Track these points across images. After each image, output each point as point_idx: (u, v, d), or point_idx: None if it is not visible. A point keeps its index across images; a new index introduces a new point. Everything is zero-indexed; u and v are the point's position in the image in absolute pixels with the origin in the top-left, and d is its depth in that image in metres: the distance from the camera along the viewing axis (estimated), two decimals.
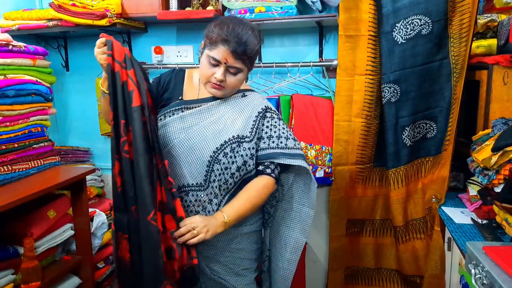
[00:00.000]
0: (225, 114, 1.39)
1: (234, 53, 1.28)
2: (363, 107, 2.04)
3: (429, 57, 1.91)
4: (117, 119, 1.22)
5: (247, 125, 1.38)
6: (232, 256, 1.43)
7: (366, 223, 2.20)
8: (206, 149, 1.34)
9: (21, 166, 1.76)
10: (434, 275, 1.97)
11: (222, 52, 1.28)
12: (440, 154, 2.01)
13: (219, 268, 1.41)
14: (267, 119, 1.42)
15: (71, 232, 1.91)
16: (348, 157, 2.11)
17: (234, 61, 1.30)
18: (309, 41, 2.24)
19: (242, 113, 1.40)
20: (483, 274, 1.16)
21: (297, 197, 1.50)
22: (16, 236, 1.67)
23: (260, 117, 1.41)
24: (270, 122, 1.42)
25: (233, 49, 1.27)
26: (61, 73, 2.62)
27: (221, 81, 1.32)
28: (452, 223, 1.72)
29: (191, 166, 1.34)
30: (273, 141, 1.39)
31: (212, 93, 1.38)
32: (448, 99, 1.94)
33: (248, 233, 1.47)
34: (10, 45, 1.72)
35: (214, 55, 1.29)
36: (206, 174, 1.34)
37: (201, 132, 1.36)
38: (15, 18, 2.28)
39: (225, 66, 1.31)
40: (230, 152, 1.34)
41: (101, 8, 2.14)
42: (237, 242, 1.44)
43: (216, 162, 1.33)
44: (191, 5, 2.23)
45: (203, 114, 1.39)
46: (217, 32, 1.29)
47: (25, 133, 1.80)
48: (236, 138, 1.36)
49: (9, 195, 1.54)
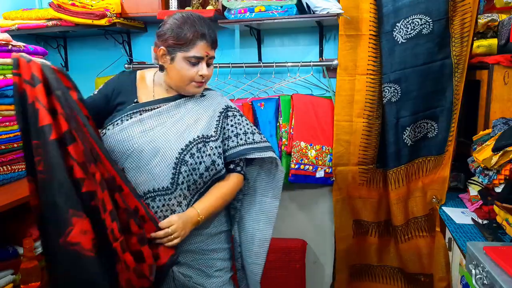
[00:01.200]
0: (186, 114, 1.36)
1: (212, 44, 1.31)
2: (365, 107, 2.04)
3: (430, 56, 1.90)
4: (28, 140, 1.11)
5: (211, 125, 1.37)
6: (203, 258, 1.40)
7: (372, 225, 2.19)
8: (171, 151, 1.29)
9: (20, 166, 1.76)
10: (443, 277, 1.97)
11: (202, 47, 1.28)
12: (442, 154, 2.00)
13: (192, 272, 1.38)
14: (230, 118, 1.41)
15: None
16: (349, 157, 2.10)
17: (211, 51, 1.32)
18: (309, 41, 2.23)
19: (205, 113, 1.38)
20: (483, 274, 1.16)
21: (261, 189, 1.52)
22: (16, 236, 1.66)
23: (223, 117, 1.40)
24: (234, 120, 1.42)
25: (211, 40, 1.29)
26: None
27: (204, 76, 1.32)
28: (452, 223, 1.71)
29: (155, 169, 1.29)
30: (241, 138, 1.40)
31: (196, 91, 1.36)
32: (450, 99, 1.94)
33: (218, 233, 1.44)
34: (9, 45, 1.71)
35: (194, 53, 1.28)
36: (173, 177, 1.29)
37: (164, 134, 1.31)
38: (15, 17, 2.28)
39: (206, 59, 1.31)
40: (197, 153, 1.31)
41: (100, 7, 2.14)
42: (208, 243, 1.41)
43: (183, 163, 1.29)
44: (191, 5, 2.22)
45: (163, 116, 1.34)
46: (190, 30, 1.27)
47: None
48: (202, 138, 1.33)
49: (9, 195, 1.53)
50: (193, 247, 1.38)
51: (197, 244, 1.38)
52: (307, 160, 2.11)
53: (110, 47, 2.49)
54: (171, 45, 1.28)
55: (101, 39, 2.47)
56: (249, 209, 1.52)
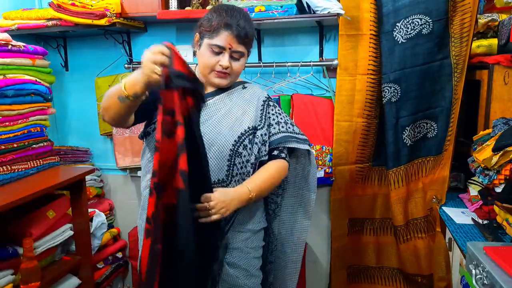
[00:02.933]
0: (233, 107, 1.39)
1: (238, 37, 1.29)
2: (365, 107, 2.04)
3: (430, 56, 1.90)
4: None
5: (257, 115, 1.41)
6: (247, 257, 1.41)
7: (366, 222, 2.20)
8: (225, 144, 1.32)
9: (20, 166, 1.76)
10: (442, 277, 1.97)
11: (226, 38, 1.28)
12: (441, 154, 2.00)
13: (239, 272, 1.39)
14: (271, 107, 1.46)
15: (71, 233, 1.91)
16: (348, 156, 2.11)
17: (238, 45, 1.30)
18: (309, 41, 2.23)
19: (250, 105, 1.42)
20: (483, 275, 1.16)
21: (297, 183, 1.56)
22: (16, 236, 1.67)
23: (266, 106, 1.44)
24: (274, 110, 1.46)
25: (237, 33, 1.28)
26: (61, 73, 2.62)
27: (227, 67, 1.31)
28: (452, 223, 1.71)
29: (211, 162, 1.30)
30: (282, 126, 1.43)
31: (217, 82, 1.35)
32: (449, 99, 1.94)
33: (259, 230, 1.47)
34: (9, 45, 1.71)
35: (217, 42, 1.28)
36: (228, 169, 1.32)
37: (215, 127, 1.34)
38: (15, 17, 2.28)
39: (230, 52, 1.30)
40: (249, 144, 1.35)
41: (100, 7, 2.14)
42: (251, 241, 1.43)
43: (237, 155, 1.33)
44: (190, 5, 2.22)
45: (211, 109, 1.36)
46: (216, 18, 1.28)
47: (24, 133, 1.79)
48: (251, 129, 1.37)
49: (9, 195, 1.54)
50: (240, 245, 1.39)
51: (243, 242, 1.40)
52: None
53: (110, 47, 2.49)
54: (202, 31, 1.33)
55: (101, 39, 2.47)
56: (288, 203, 1.56)
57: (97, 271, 2.27)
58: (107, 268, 2.37)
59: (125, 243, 2.57)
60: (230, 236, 1.37)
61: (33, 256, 1.64)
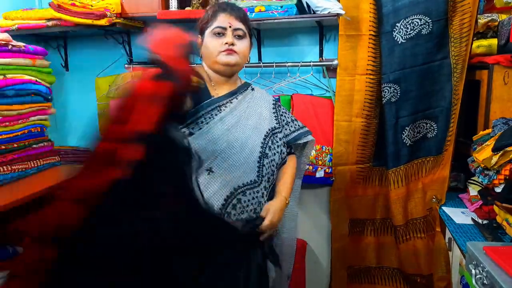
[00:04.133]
0: (251, 110, 1.43)
1: (236, 16, 1.35)
2: (364, 106, 2.04)
3: (429, 57, 1.91)
4: None
5: (272, 117, 1.48)
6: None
7: (367, 222, 2.20)
8: (254, 146, 1.37)
9: (20, 166, 1.76)
10: (443, 277, 1.97)
11: (224, 18, 1.34)
12: (441, 155, 2.01)
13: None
14: (281, 108, 1.54)
15: None
16: (348, 157, 2.11)
17: (237, 23, 1.35)
18: (309, 41, 2.23)
19: (263, 107, 1.47)
20: (483, 274, 1.16)
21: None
22: (16, 236, 1.66)
23: (276, 107, 1.52)
24: (282, 110, 1.54)
25: (231, 12, 1.35)
26: (61, 73, 2.62)
27: (232, 44, 1.34)
28: (452, 223, 1.72)
29: (244, 165, 1.34)
30: (292, 126, 1.53)
31: (226, 61, 1.35)
32: (449, 99, 1.94)
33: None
34: (9, 45, 1.71)
35: (217, 24, 1.34)
36: (258, 170, 1.36)
37: (243, 130, 1.37)
38: (15, 17, 2.28)
39: (231, 30, 1.34)
40: (272, 145, 1.41)
41: (100, 7, 2.14)
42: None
43: (265, 156, 1.38)
44: (190, 5, 2.22)
45: (236, 112, 1.38)
46: (211, 9, 1.38)
47: (24, 133, 1.79)
48: (271, 131, 1.44)
49: (9, 195, 1.54)
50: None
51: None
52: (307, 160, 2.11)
53: (110, 47, 2.49)
54: (201, 28, 1.39)
55: (101, 39, 2.47)
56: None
57: None
58: None
59: None
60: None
61: None
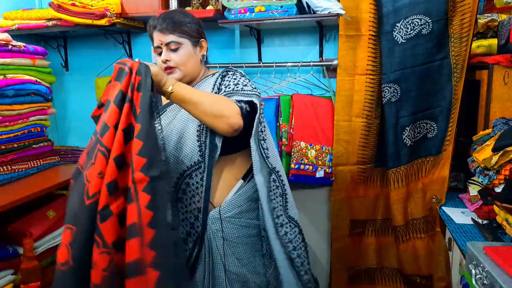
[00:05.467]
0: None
1: (163, 30, 1.35)
2: (364, 107, 2.04)
3: (430, 57, 1.91)
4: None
5: (215, 91, 1.39)
6: (257, 255, 1.44)
7: (368, 223, 2.20)
8: (191, 129, 1.34)
9: (20, 166, 1.76)
10: (443, 277, 1.98)
11: (156, 36, 1.37)
12: (441, 154, 2.01)
13: (246, 269, 1.41)
14: (228, 76, 1.40)
15: None
16: (348, 157, 2.11)
17: (166, 37, 1.36)
18: (309, 41, 2.23)
19: (208, 86, 1.42)
20: (483, 275, 1.16)
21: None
22: (16, 236, 1.67)
23: (220, 78, 1.41)
24: (230, 77, 1.39)
25: (160, 27, 1.36)
26: (61, 73, 2.62)
27: (166, 60, 1.37)
28: (452, 223, 1.71)
29: (184, 149, 1.34)
30: (230, 87, 1.35)
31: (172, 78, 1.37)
32: (449, 99, 1.94)
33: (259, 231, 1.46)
34: (9, 45, 1.71)
35: (154, 44, 1.38)
36: (199, 149, 1.33)
37: (180, 121, 1.38)
38: (15, 17, 2.28)
39: (165, 47, 1.37)
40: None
41: (100, 7, 2.14)
42: (259, 238, 1.45)
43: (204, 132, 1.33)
44: (190, 5, 2.22)
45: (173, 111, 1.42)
46: (149, 29, 1.40)
47: (24, 133, 1.79)
48: None
49: (9, 195, 1.54)
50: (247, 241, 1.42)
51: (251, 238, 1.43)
52: (307, 160, 2.11)
53: (110, 47, 2.49)
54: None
55: (101, 39, 2.48)
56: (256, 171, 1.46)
57: None
58: None
59: None
60: (236, 230, 1.39)
61: (33, 256, 1.64)
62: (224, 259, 1.38)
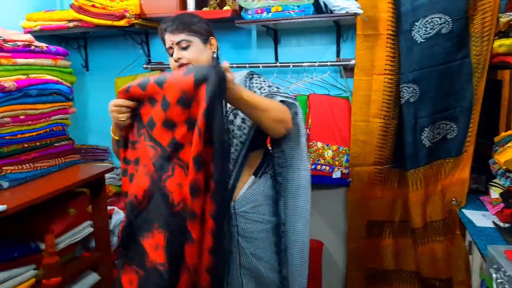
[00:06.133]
0: None
1: (173, 31, 1.39)
2: (382, 107, 2.02)
3: (449, 56, 1.88)
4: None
5: None
6: (270, 250, 1.46)
7: (385, 224, 2.18)
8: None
9: (42, 164, 1.80)
10: (462, 281, 1.94)
11: (167, 38, 1.40)
12: (461, 156, 1.97)
13: (261, 264, 1.43)
14: (255, 79, 1.47)
15: (91, 229, 1.94)
16: (366, 157, 2.09)
17: (176, 36, 1.39)
18: (326, 41, 2.23)
19: None
20: (504, 279, 1.14)
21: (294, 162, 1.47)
22: (38, 232, 1.71)
23: (248, 79, 1.47)
24: (258, 80, 1.47)
25: (170, 29, 1.40)
26: (81, 73, 2.67)
27: (178, 59, 1.40)
28: (473, 226, 1.69)
29: None
30: (265, 89, 1.42)
31: None
32: (469, 99, 1.91)
33: (276, 225, 1.48)
34: (32, 46, 1.76)
35: (166, 46, 1.42)
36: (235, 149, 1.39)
37: None
38: (37, 19, 2.34)
39: (176, 47, 1.40)
40: (235, 119, 1.41)
41: (120, 9, 2.17)
42: (272, 233, 1.47)
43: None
44: (208, 5, 2.24)
45: None
46: (160, 32, 1.44)
47: (46, 132, 1.84)
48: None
49: (32, 192, 1.58)
50: (262, 236, 1.44)
51: (264, 233, 1.44)
52: (324, 161, 2.10)
53: (129, 47, 2.53)
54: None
55: (120, 39, 2.52)
56: (287, 186, 1.49)
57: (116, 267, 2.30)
58: None
59: None
60: (250, 225, 1.41)
61: (55, 252, 1.68)
62: (239, 254, 1.41)
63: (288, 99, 1.40)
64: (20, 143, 1.70)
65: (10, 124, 1.65)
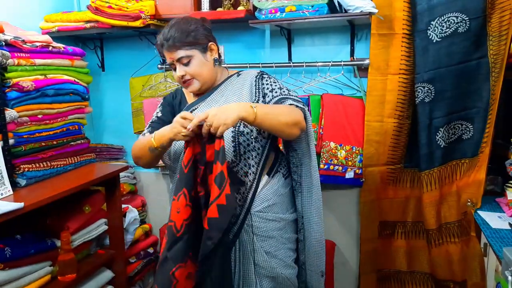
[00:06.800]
0: (230, 95, 1.47)
1: (169, 48, 1.40)
2: (396, 107, 2.00)
3: (466, 56, 1.85)
4: None
5: (252, 92, 1.46)
6: (283, 247, 1.47)
7: (397, 225, 2.16)
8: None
9: (59, 163, 1.84)
10: (477, 283, 1.91)
11: (166, 55, 1.42)
12: (477, 157, 1.94)
13: (275, 262, 1.44)
14: (265, 79, 1.49)
15: (105, 227, 1.98)
16: (379, 157, 2.08)
17: (175, 53, 1.40)
18: (340, 40, 2.21)
19: (244, 86, 1.49)
20: None
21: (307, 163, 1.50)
22: (54, 229, 1.74)
23: (259, 79, 1.48)
24: (269, 81, 1.48)
25: (166, 46, 1.40)
26: (97, 73, 2.71)
27: (182, 76, 1.42)
28: (488, 228, 1.66)
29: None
30: (277, 91, 1.44)
31: (190, 91, 1.49)
32: (486, 99, 1.87)
33: (292, 221, 1.52)
34: (50, 46, 1.80)
35: (167, 62, 1.44)
36: (234, 149, 1.39)
37: None
38: (55, 20, 2.38)
39: (177, 63, 1.42)
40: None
41: (135, 10, 2.20)
42: (285, 231, 1.48)
43: (240, 134, 1.39)
44: (222, 6, 2.25)
45: (211, 104, 1.47)
46: (157, 47, 1.45)
47: (63, 131, 1.87)
48: None
49: (48, 190, 1.61)
50: (275, 234, 1.45)
51: (278, 231, 1.46)
52: (337, 161, 2.09)
53: (144, 48, 2.56)
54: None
55: (135, 40, 2.55)
56: (302, 183, 1.53)
57: (129, 265, 2.34)
58: (139, 263, 2.43)
59: (156, 238, 2.63)
60: (265, 224, 1.43)
61: (70, 249, 1.71)
62: (254, 253, 1.42)
63: (298, 103, 1.40)
64: (37, 142, 1.74)
65: (29, 123, 1.69)
